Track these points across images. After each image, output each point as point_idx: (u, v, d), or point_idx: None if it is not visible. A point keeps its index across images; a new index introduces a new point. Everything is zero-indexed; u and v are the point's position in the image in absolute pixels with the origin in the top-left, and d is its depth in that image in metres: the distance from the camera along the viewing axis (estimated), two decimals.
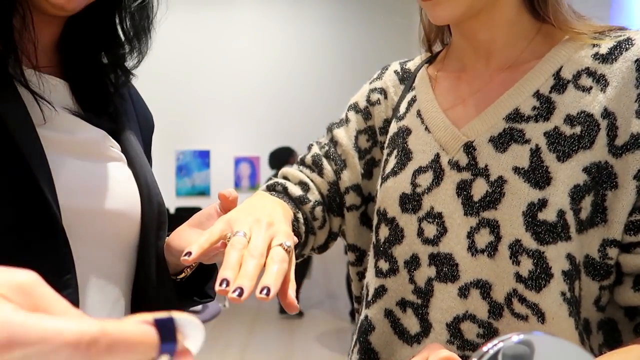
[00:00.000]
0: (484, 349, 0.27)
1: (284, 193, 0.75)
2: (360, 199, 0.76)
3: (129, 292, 0.63)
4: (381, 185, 0.69)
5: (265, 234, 0.49)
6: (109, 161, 0.60)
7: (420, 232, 0.62)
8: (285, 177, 0.79)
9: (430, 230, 0.61)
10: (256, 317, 3.89)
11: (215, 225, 0.52)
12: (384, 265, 0.66)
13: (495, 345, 0.27)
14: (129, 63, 0.66)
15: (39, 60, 0.56)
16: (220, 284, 0.42)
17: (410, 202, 0.64)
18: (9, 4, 0.52)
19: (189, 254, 0.47)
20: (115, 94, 0.66)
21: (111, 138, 0.62)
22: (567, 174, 0.53)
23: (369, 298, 0.67)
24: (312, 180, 0.77)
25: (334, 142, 0.78)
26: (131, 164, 0.63)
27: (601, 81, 0.56)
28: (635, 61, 0.55)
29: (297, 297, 0.49)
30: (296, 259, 0.79)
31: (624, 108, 0.54)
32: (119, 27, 0.64)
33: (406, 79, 0.75)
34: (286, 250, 0.47)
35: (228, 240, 0.49)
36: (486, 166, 0.58)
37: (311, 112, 5.03)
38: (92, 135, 0.59)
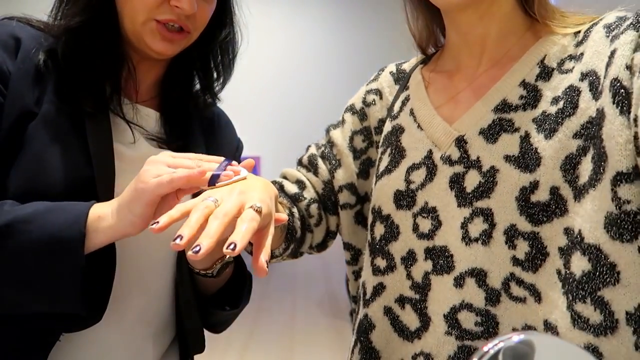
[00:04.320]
0: (484, 349, 0.26)
1: (280, 190, 0.76)
2: (355, 198, 0.76)
3: (170, 296, 0.72)
4: (376, 183, 0.69)
5: (236, 199, 0.50)
6: None
7: (416, 228, 0.62)
8: (284, 177, 0.80)
9: (425, 224, 0.61)
10: (256, 318, 3.88)
11: (193, 199, 0.53)
12: (380, 262, 0.65)
13: (496, 345, 0.26)
14: (217, 88, 0.80)
15: (140, 95, 0.72)
16: (175, 239, 0.44)
17: (404, 198, 0.63)
18: (120, 58, 0.67)
19: (157, 223, 0.47)
20: (199, 117, 0.77)
21: None
22: (556, 148, 0.53)
23: (367, 296, 0.67)
24: (308, 179, 0.78)
25: (330, 142, 0.78)
26: None
27: (580, 58, 0.56)
28: (604, 26, 0.55)
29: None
30: (295, 256, 0.79)
31: (601, 63, 0.53)
32: (211, 61, 0.77)
33: (401, 79, 0.76)
34: (256, 210, 0.48)
35: None
36: (478, 158, 0.58)
37: (313, 113, 5.02)
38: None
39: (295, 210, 0.74)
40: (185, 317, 0.73)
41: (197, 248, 0.43)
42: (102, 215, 0.54)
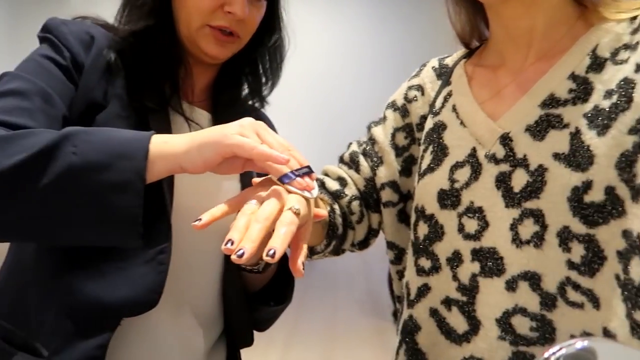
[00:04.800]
0: (546, 355, 0.25)
1: (321, 187, 0.76)
2: (398, 196, 0.74)
3: (218, 290, 0.74)
4: (418, 182, 0.67)
5: (276, 201, 0.49)
6: (223, 175, 0.72)
7: (461, 228, 0.60)
8: (325, 173, 0.80)
9: (471, 225, 0.59)
10: (298, 315, 3.90)
11: (234, 197, 0.53)
12: (425, 263, 0.64)
13: (558, 351, 0.25)
14: (265, 93, 0.82)
15: (194, 97, 0.75)
16: (226, 244, 0.45)
17: (448, 197, 0.62)
18: (178, 60, 0.71)
19: (199, 220, 0.48)
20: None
21: None
22: (610, 145, 0.50)
23: (412, 297, 0.66)
24: (349, 176, 0.77)
25: (371, 140, 0.77)
26: (242, 180, 0.75)
27: (636, 47, 0.53)
28: None
29: None
30: (336, 253, 0.78)
31: None
32: (259, 66, 0.80)
33: (443, 74, 0.74)
34: (295, 212, 0.48)
35: None
36: (525, 156, 0.56)
37: (352, 111, 4.98)
38: None
39: (336, 207, 0.73)
40: (233, 311, 0.74)
41: (241, 252, 0.44)
42: (168, 141, 0.54)
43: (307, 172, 0.54)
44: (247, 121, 0.55)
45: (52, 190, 0.50)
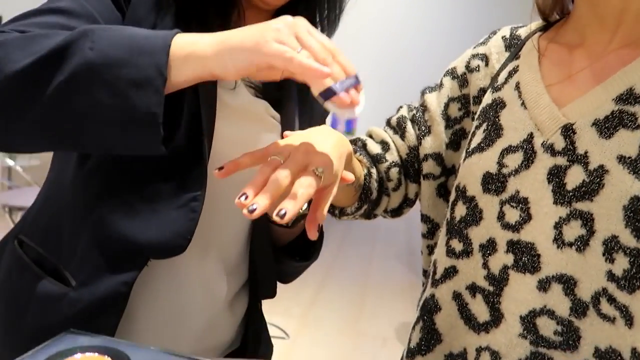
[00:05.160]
0: None
1: (362, 148, 0.73)
2: (440, 169, 0.71)
3: (246, 239, 0.74)
4: (464, 160, 0.63)
5: (301, 159, 0.48)
6: (263, 127, 0.69)
7: (501, 216, 0.57)
8: (370, 135, 0.78)
9: (513, 215, 0.56)
10: (333, 263, 3.99)
11: (264, 147, 0.52)
12: (457, 245, 0.61)
13: None
14: None
15: None
16: (240, 197, 0.44)
17: (493, 182, 0.58)
18: (231, 2, 0.65)
19: (221, 168, 0.48)
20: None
21: (272, 109, 0.71)
22: None
23: (437, 276, 0.64)
24: (393, 141, 0.74)
25: (423, 107, 0.73)
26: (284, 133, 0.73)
27: None
28: None
29: None
30: (368, 217, 0.77)
31: None
32: (317, 15, 0.73)
33: (513, 46, 0.67)
34: (317, 175, 0.47)
35: None
36: (586, 153, 0.51)
37: (416, 73, 4.77)
38: (258, 105, 0.69)
39: (374, 171, 0.71)
40: (258, 261, 0.75)
41: (254, 207, 0.43)
42: (196, 42, 0.49)
43: (353, 83, 0.49)
44: (286, 21, 0.49)
45: (68, 87, 0.48)
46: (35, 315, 0.61)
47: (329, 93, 0.47)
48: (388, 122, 0.77)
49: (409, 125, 0.73)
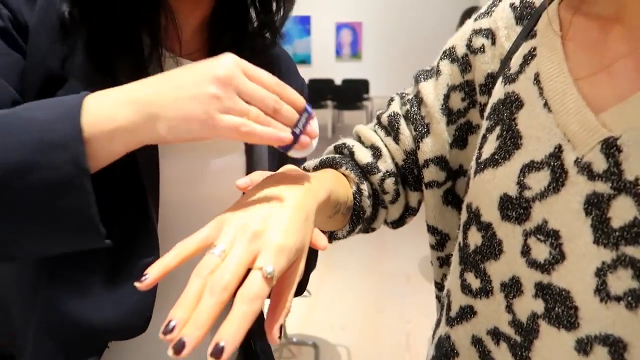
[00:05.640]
0: None
1: (350, 157, 0.61)
2: (445, 174, 0.58)
3: None
4: (475, 174, 0.50)
5: (245, 251, 0.35)
6: (222, 151, 0.60)
7: (526, 251, 0.45)
8: (358, 137, 0.64)
9: (541, 251, 0.44)
10: None
11: (202, 230, 0.38)
12: (473, 281, 0.50)
13: None
14: (277, 22, 0.63)
15: (184, 46, 0.59)
16: (166, 327, 0.32)
17: (514, 208, 0.45)
18: (156, 6, 0.53)
19: (145, 278, 0.34)
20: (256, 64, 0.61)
21: None
22: None
23: (452, 314, 0.53)
24: (386, 146, 0.61)
25: (418, 99, 0.59)
26: (248, 152, 0.62)
27: None
28: None
29: None
30: (366, 231, 0.66)
31: None
32: None
33: (525, 17, 0.51)
34: (266, 277, 0.34)
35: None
36: (637, 180, 0.38)
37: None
38: None
39: (364, 186, 0.59)
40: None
41: (181, 343, 0.31)
42: (115, 112, 0.39)
43: (308, 117, 0.45)
44: (219, 80, 0.39)
45: None
46: None
47: (291, 143, 0.44)
48: (378, 120, 0.63)
49: (402, 124, 0.59)
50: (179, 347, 0.30)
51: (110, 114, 0.39)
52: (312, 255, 0.67)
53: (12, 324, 0.55)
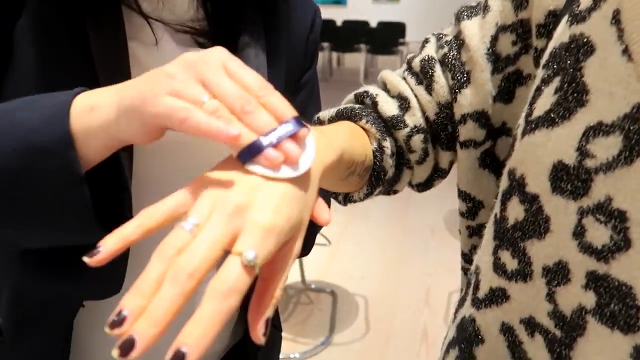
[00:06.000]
0: None
1: (372, 109, 0.53)
2: (485, 132, 0.50)
3: None
4: (523, 134, 0.41)
5: (223, 228, 0.28)
6: None
7: (580, 232, 0.37)
8: (384, 84, 0.55)
9: (599, 234, 0.36)
10: None
11: (174, 195, 0.31)
12: (508, 260, 0.43)
13: None
14: None
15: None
16: (115, 317, 0.25)
17: (570, 179, 0.37)
18: None
19: (98, 252, 0.28)
20: None
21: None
22: None
23: (480, 295, 0.46)
24: (415, 97, 0.52)
25: (459, 41, 0.49)
26: None
27: None
28: None
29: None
30: (387, 193, 0.58)
31: None
32: None
33: None
34: (247, 266, 0.27)
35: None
36: None
37: None
38: None
39: (387, 144, 0.51)
40: None
41: (129, 341, 0.24)
42: (96, 107, 0.36)
43: (290, 131, 0.33)
44: (187, 61, 0.33)
45: None
46: None
47: (251, 152, 0.32)
48: (409, 65, 0.53)
49: (437, 71, 0.50)
50: (127, 346, 0.24)
51: (96, 110, 0.35)
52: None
53: None
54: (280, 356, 1.96)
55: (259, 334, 0.28)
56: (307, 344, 1.94)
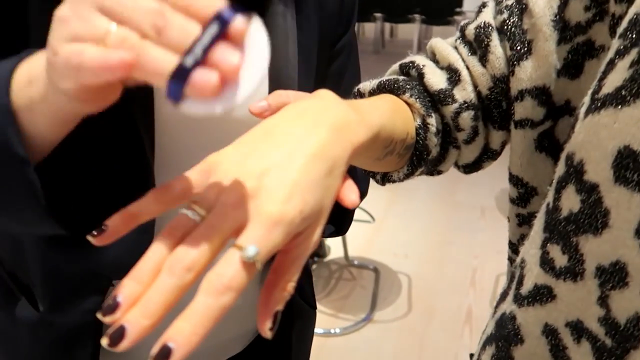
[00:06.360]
0: None
1: (417, 81, 0.48)
2: (544, 111, 0.44)
3: None
4: (587, 113, 0.36)
5: (227, 218, 0.25)
6: None
7: None
8: (432, 55, 0.50)
9: None
10: None
11: (186, 174, 0.29)
12: (558, 255, 0.38)
13: None
14: None
15: None
16: (109, 302, 0.23)
17: (636, 168, 0.32)
18: None
19: (102, 231, 0.26)
20: None
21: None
22: None
23: (523, 291, 0.42)
24: (467, 68, 0.47)
25: (521, 5, 0.43)
26: (273, 78, 0.49)
27: None
28: None
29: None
30: (430, 174, 0.54)
31: None
32: None
33: None
34: (246, 262, 0.24)
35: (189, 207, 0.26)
36: None
37: None
38: None
39: (432, 120, 0.46)
40: None
41: (119, 332, 0.22)
42: (33, 79, 0.31)
43: (216, 32, 0.23)
44: None
45: None
46: (15, 340, 0.55)
47: (176, 83, 0.23)
48: (462, 33, 0.48)
49: (494, 40, 0.44)
50: (117, 336, 0.22)
51: (33, 83, 0.30)
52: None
53: (25, 259, 0.53)
54: (321, 331, 1.98)
55: (265, 328, 0.26)
56: (348, 320, 1.94)
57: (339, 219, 0.59)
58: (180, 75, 0.23)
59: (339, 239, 2.20)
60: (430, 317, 1.98)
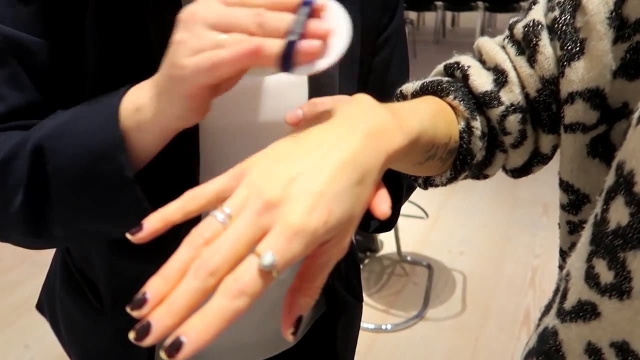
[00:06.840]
0: None
1: (462, 83, 0.47)
2: (597, 115, 0.41)
3: None
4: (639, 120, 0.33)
5: (251, 225, 0.26)
6: (280, 79, 0.52)
7: None
8: (479, 55, 0.48)
9: None
10: None
11: (219, 179, 0.30)
12: (604, 272, 0.36)
13: None
14: None
15: None
16: (138, 298, 0.26)
17: None
18: None
19: (140, 229, 0.28)
20: None
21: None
22: None
23: (566, 306, 0.40)
24: (515, 69, 0.45)
25: (575, 1, 0.40)
26: (311, 79, 0.52)
27: None
28: None
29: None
30: (476, 178, 0.52)
31: None
32: None
33: None
34: (263, 271, 0.25)
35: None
36: None
37: None
38: None
39: (477, 124, 0.44)
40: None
41: (144, 328, 0.24)
42: (140, 106, 0.38)
43: (307, 12, 0.33)
44: (188, 15, 0.34)
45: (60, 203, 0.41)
46: (83, 330, 0.60)
47: (287, 57, 0.31)
48: (511, 32, 0.46)
49: (544, 39, 0.42)
50: (143, 331, 0.24)
51: (141, 110, 0.38)
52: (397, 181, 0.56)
53: (91, 257, 0.57)
54: (372, 327, 1.97)
55: (288, 333, 0.27)
56: (400, 317, 1.92)
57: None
58: (289, 50, 0.31)
59: (391, 234, 2.17)
60: (486, 317, 1.93)
